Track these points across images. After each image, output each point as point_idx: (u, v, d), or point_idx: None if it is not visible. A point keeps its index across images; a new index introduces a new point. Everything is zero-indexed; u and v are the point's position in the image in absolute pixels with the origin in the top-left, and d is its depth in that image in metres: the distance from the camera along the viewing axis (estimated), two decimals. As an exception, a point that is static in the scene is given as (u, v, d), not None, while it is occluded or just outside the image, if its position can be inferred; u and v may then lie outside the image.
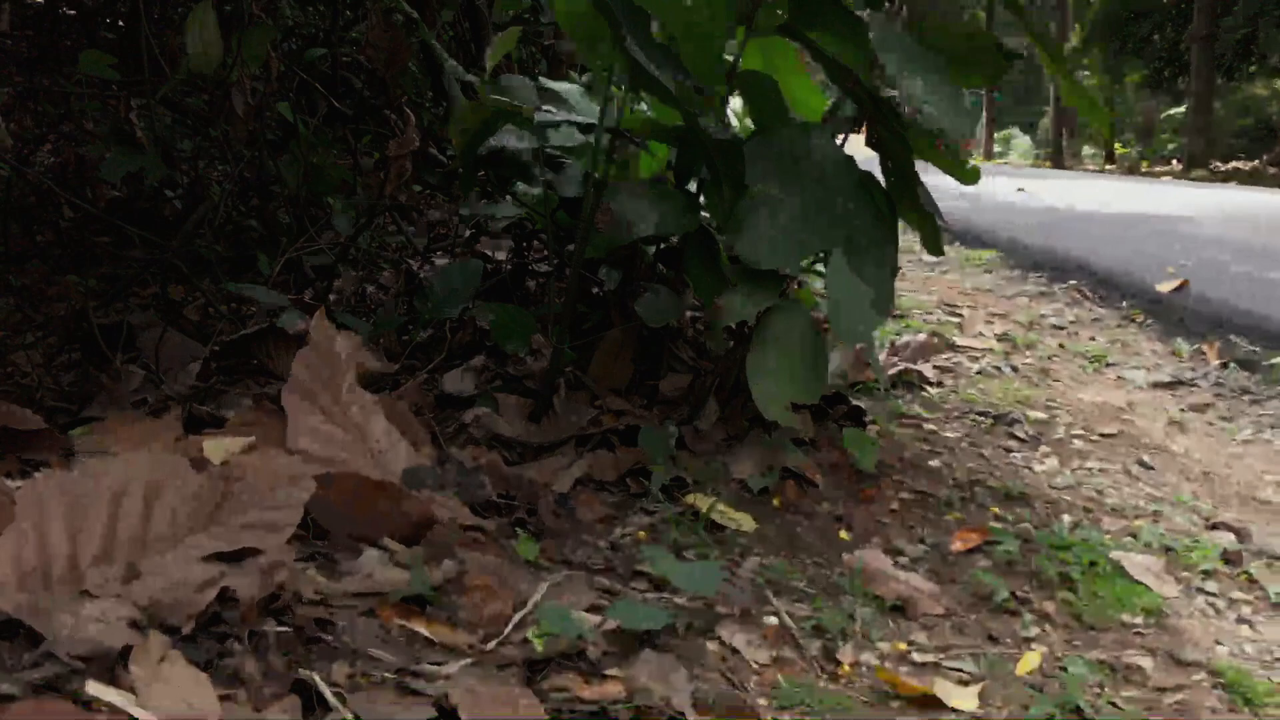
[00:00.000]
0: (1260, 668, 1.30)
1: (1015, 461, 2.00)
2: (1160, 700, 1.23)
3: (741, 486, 1.79)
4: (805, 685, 1.20)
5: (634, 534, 1.62)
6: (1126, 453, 2.07)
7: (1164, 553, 1.61)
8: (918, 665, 1.29)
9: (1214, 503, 1.84)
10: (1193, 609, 1.45)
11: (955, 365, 2.70)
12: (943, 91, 1.70)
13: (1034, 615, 1.41)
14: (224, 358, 1.86)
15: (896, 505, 1.78)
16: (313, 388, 1.57)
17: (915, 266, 4.42)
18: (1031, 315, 3.37)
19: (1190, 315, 3.17)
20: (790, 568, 1.52)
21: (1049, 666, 1.28)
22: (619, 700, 1.15)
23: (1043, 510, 1.77)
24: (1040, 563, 1.53)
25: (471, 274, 2.37)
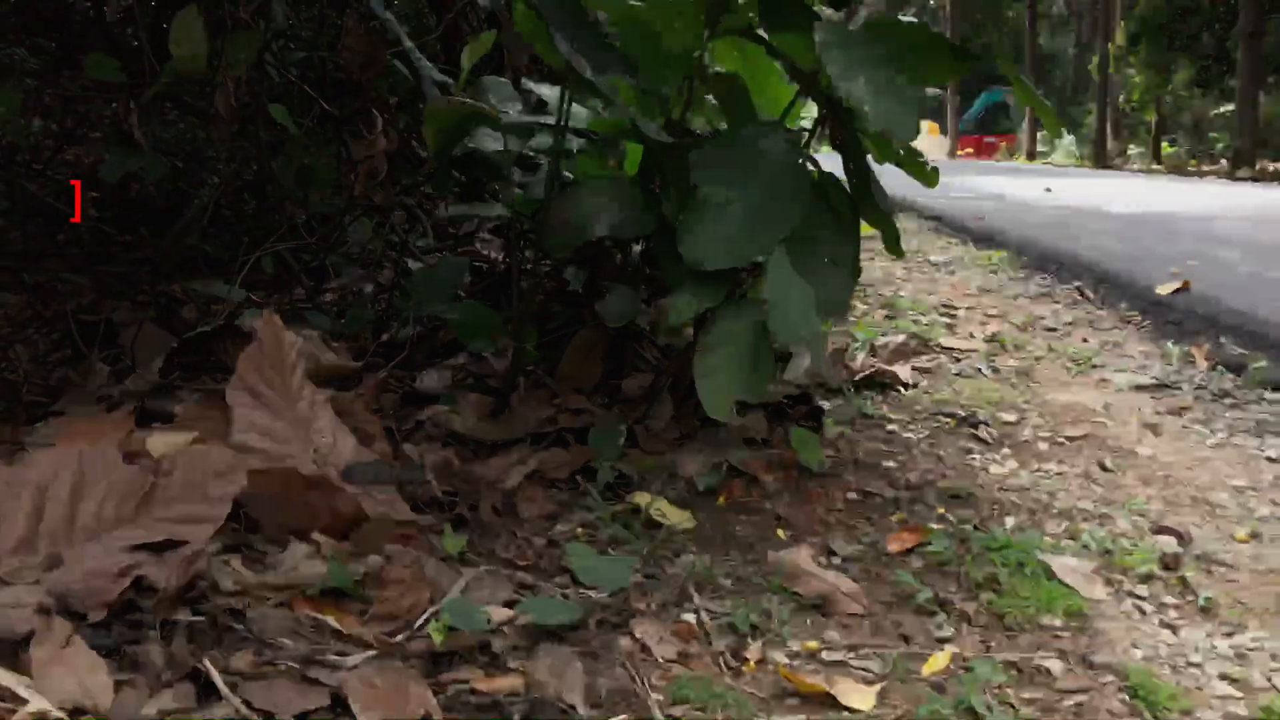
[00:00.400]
0: (1171, 671, 1.29)
1: (972, 463, 2.00)
2: (1061, 702, 1.23)
3: (688, 484, 1.80)
4: (703, 681, 1.22)
5: (572, 531, 1.65)
6: (1089, 455, 2.06)
7: (1102, 556, 1.60)
8: (826, 663, 1.30)
9: (1166, 507, 1.82)
10: (1118, 612, 1.45)
11: (936, 366, 2.69)
12: (887, 92, 1.70)
13: (953, 616, 1.41)
14: (185, 354, 1.91)
15: (841, 505, 1.79)
16: (257, 384, 1.61)
17: (923, 267, 4.40)
18: (1028, 316, 3.34)
19: (1187, 317, 3.13)
20: (719, 565, 1.53)
21: (956, 667, 1.28)
22: (516, 693, 1.17)
23: (988, 512, 1.77)
24: (968, 564, 1.53)
25: (454, 273, 2.41)
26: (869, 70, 1.71)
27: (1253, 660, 1.32)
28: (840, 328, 2.92)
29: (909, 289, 3.81)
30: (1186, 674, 1.29)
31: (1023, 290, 3.79)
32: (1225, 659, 1.32)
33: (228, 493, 1.38)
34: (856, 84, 1.68)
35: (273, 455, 1.54)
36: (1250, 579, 1.55)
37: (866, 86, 1.69)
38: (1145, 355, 2.84)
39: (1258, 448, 2.12)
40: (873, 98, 1.68)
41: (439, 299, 2.27)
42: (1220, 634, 1.39)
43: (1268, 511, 1.80)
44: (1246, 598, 1.49)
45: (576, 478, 1.83)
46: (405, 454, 1.80)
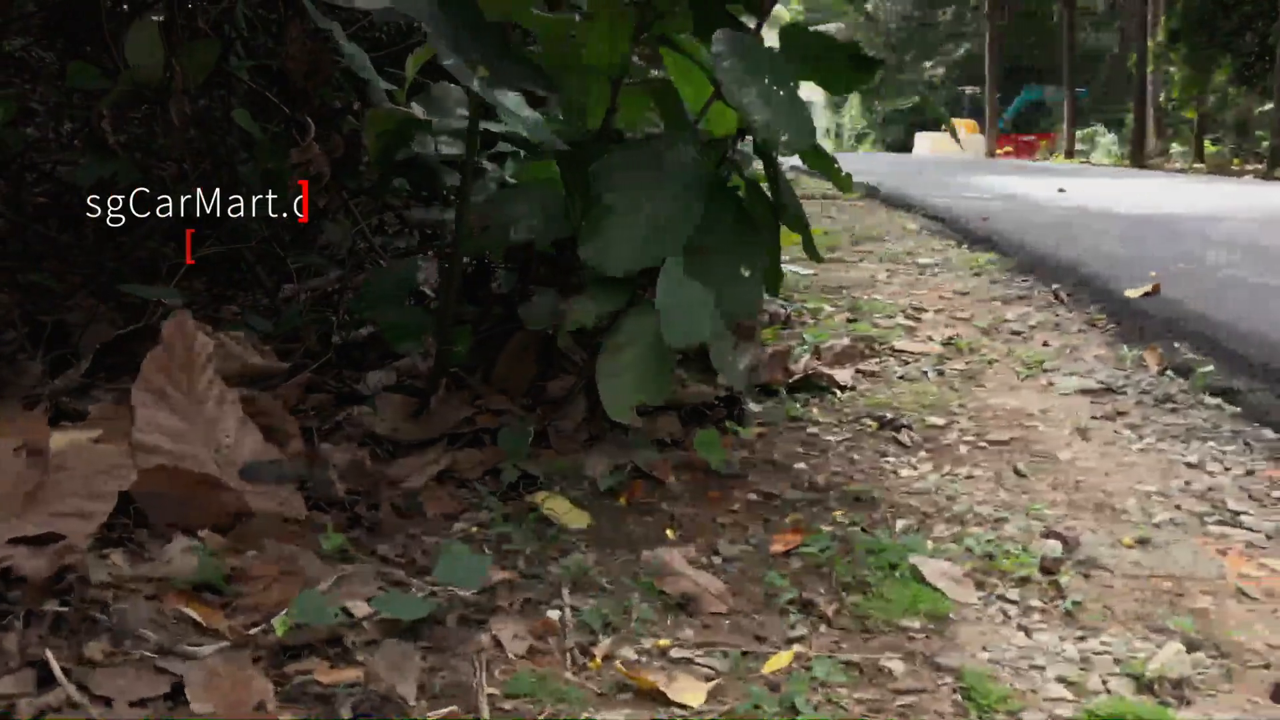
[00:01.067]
0: (1011, 673, 1.31)
1: (885, 466, 2.02)
2: (892, 702, 1.25)
3: (592, 485, 1.84)
4: (542, 676, 1.26)
5: (466, 530, 1.69)
6: (1007, 459, 2.07)
7: (984, 559, 1.62)
8: (673, 661, 1.33)
9: (1068, 511, 1.83)
10: (981, 615, 1.47)
11: (882, 369, 2.70)
12: (780, 100, 1.73)
13: (813, 617, 1.44)
14: (113, 355, 1.98)
15: (739, 506, 1.82)
16: (162, 384, 1.67)
17: (909, 269, 4.40)
18: (995, 319, 3.34)
19: (1150, 321, 3.11)
20: (602, 565, 1.57)
21: (798, 666, 1.31)
22: (355, 685, 1.22)
23: (882, 515, 1.79)
24: (839, 566, 1.55)
25: (405, 277, 2.46)
26: (764, 79, 1.74)
27: (1095, 664, 1.33)
28: (792, 330, 2.94)
29: (886, 292, 3.82)
30: (1026, 676, 1.31)
31: (1000, 293, 3.78)
32: (1070, 662, 1.34)
33: (113, 489, 1.44)
34: (748, 93, 1.71)
35: (172, 454, 1.60)
36: (1124, 584, 1.56)
37: (759, 96, 1.72)
38: (1100, 359, 2.83)
39: (1181, 453, 2.11)
40: (764, 106, 1.71)
41: (390, 302, 2.33)
42: (1074, 638, 1.41)
43: (1167, 517, 1.80)
44: (1114, 602, 1.50)
45: (487, 478, 1.88)
46: (319, 453, 1.85)
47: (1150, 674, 1.29)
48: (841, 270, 4.31)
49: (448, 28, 1.72)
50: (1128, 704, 1.22)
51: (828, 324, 3.14)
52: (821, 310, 3.39)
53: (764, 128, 1.68)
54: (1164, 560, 1.64)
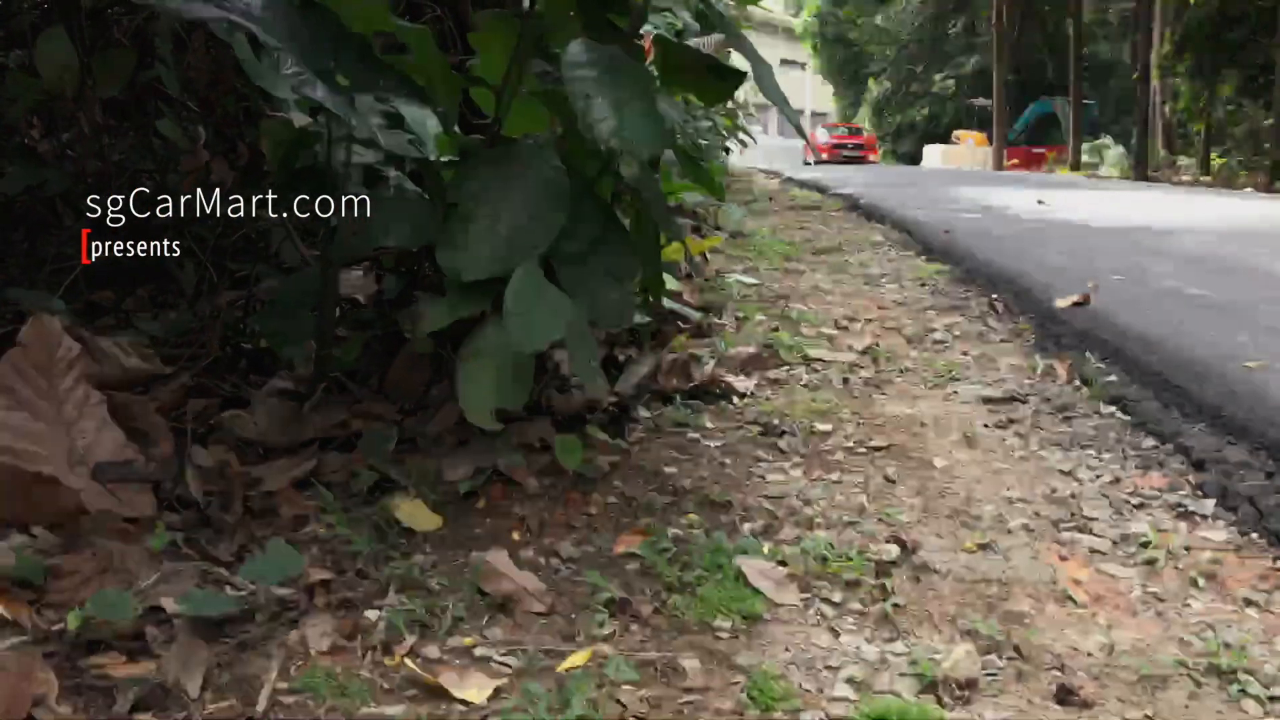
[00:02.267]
0: (804, 674, 1.33)
1: (755, 471, 2.03)
2: (676, 699, 1.27)
3: (453, 488, 1.86)
4: (332, 673, 1.28)
5: (315, 531, 1.71)
6: (880, 466, 2.08)
7: (818, 561, 1.63)
8: (474, 659, 1.35)
9: (921, 516, 1.84)
10: (796, 617, 1.48)
11: (789, 377, 2.72)
12: (632, 109, 1.75)
13: (627, 616, 1.46)
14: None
15: (596, 509, 1.83)
16: (17, 386, 1.70)
17: (857, 280, 4.41)
18: (923, 329, 3.34)
19: (1070, 331, 3.11)
20: (440, 566, 1.59)
21: (593, 664, 1.33)
22: (145, 678, 1.24)
23: (734, 518, 1.80)
24: (665, 567, 1.57)
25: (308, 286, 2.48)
26: (615, 89, 1.76)
27: (891, 665, 1.35)
28: (707, 339, 2.96)
29: (825, 301, 3.83)
30: (818, 676, 1.32)
31: (938, 303, 3.79)
32: (865, 663, 1.35)
33: (-57, 487, 1.47)
34: (596, 102, 1.73)
35: (16, 451, 1.62)
36: (950, 587, 1.58)
37: (610, 104, 1.74)
38: (1013, 368, 2.84)
39: (1058, 461, 2.12)
40: (614, 115, 1.73)
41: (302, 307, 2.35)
42: (880, 639, 1.42)
43: (1021, 523, 1.81)
44: (933, 605, 1.52)
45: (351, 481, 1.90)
46: (183, 455, 1.88)
47: (938, 675, 1.30)
48: (790, 280, 4.32)
49: (305, 37, 1.75)
50: (900, 704, 1.23)
51: (750, 332, 3.15)
52: (752, 319, 3.40)
53: (608, 135, 1.70)
54: (998, 565, 1.65)
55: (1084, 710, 1.26)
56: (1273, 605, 1.53)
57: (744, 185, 11.30)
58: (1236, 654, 1.36)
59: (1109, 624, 1.48)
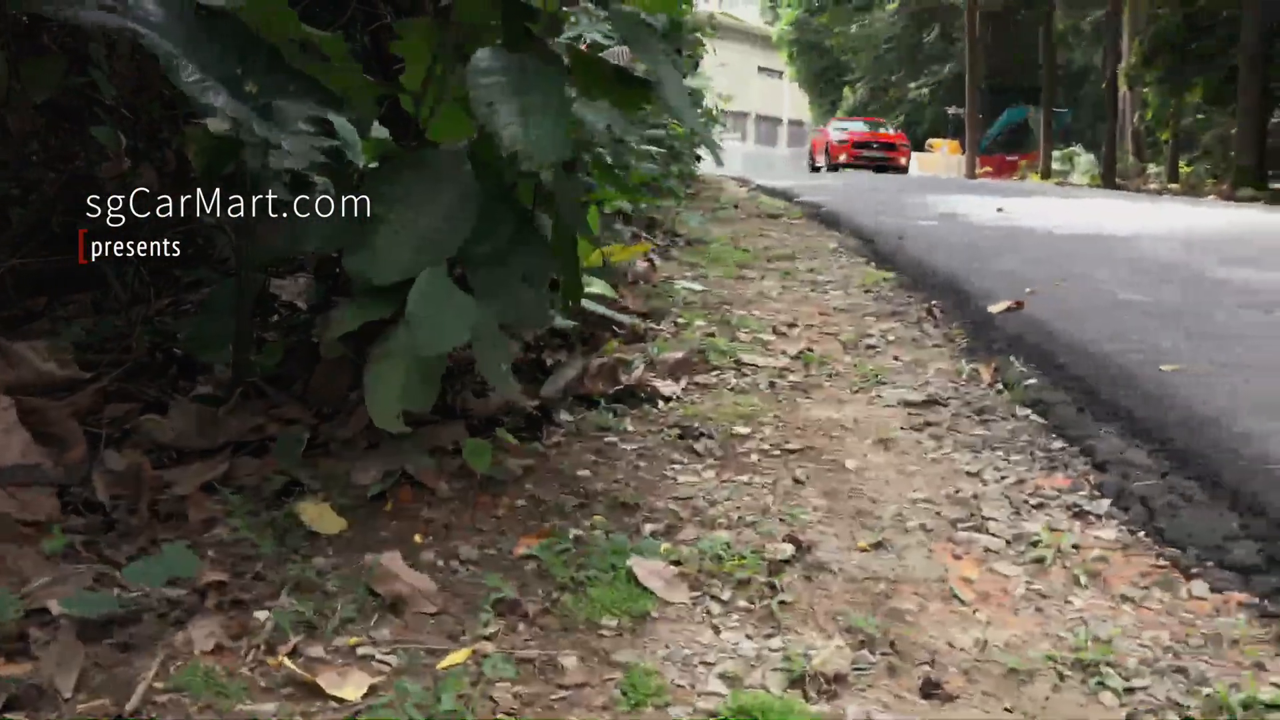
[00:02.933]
0: (680, 670, 1.35)
1: (668, 474, 2.06)
2: (550, 695, 1.29)
3: (362, 491, 1.88)
4: (211, 672, 1.29)
5: (221, 535, 1.73)
6: (792, 468, 2.11)
7: (713, 560, 1.65)
8: (358, 658, 1.37)
9: (825, 516, 1.87)
10: (683, 615, 1.51)
11: (718, 382, 2.75)
12: (535, 117, 1.78)
13: (516, 616, 1.48)
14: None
15: (503, 512, 1.85)
16: (-78, 391, 1.71)
17: (804, 286, 4.45)
18: (859, 334, 3.38)
19: (1001, 336, 3.16)
20: (335, 568, 1.61)
21: (473, 663, 1.35)
22: (21, 679, 1.25)
23: (639, 519, 1.83)
24: (559, 568, 1.59)
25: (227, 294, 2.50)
26: (520, 96, 1.79)
27: (765, 661, 1.37)
28: (641, 344, 2.98)
29: (768, 307, 3.87)
30: (693, 672, 1.35)
31: (878, 309, 3.83)
32: (742, 659, 1.38)
33: None
34: (499, 109, 1.76)
35: (-79, 457, 1.64)
36: (840, 585, 1.61)
37: (515, 112, 1.77)
38: (940, 372, 2.88)
39: (967, 463, 2.16)
40: (517, 122, 1.76)
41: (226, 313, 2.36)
42: (760, 636, 1.45)
43: (918, 523, 1.85)
44: (819, 603, 1.55)
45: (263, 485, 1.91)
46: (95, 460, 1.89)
47: (808, 670, 1.33)
48: (739, 286, 4.36)
49: (210, 44, 1.77)
50: (765, 698, 1.26)
51: (687, 337, 3.18)
52: (692, 324, 3.43)
53: (511, 142, 1.73)
54: (891, 564, 1.68)
55: (947, 703, 1.29)
56: (1148, 601, 1.57)
57: (713, 193, 11.33)
58: (1103, 648, 1.40)
59: (989, 621, 1.51)
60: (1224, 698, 1.26)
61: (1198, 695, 1.29)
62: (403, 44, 2.21)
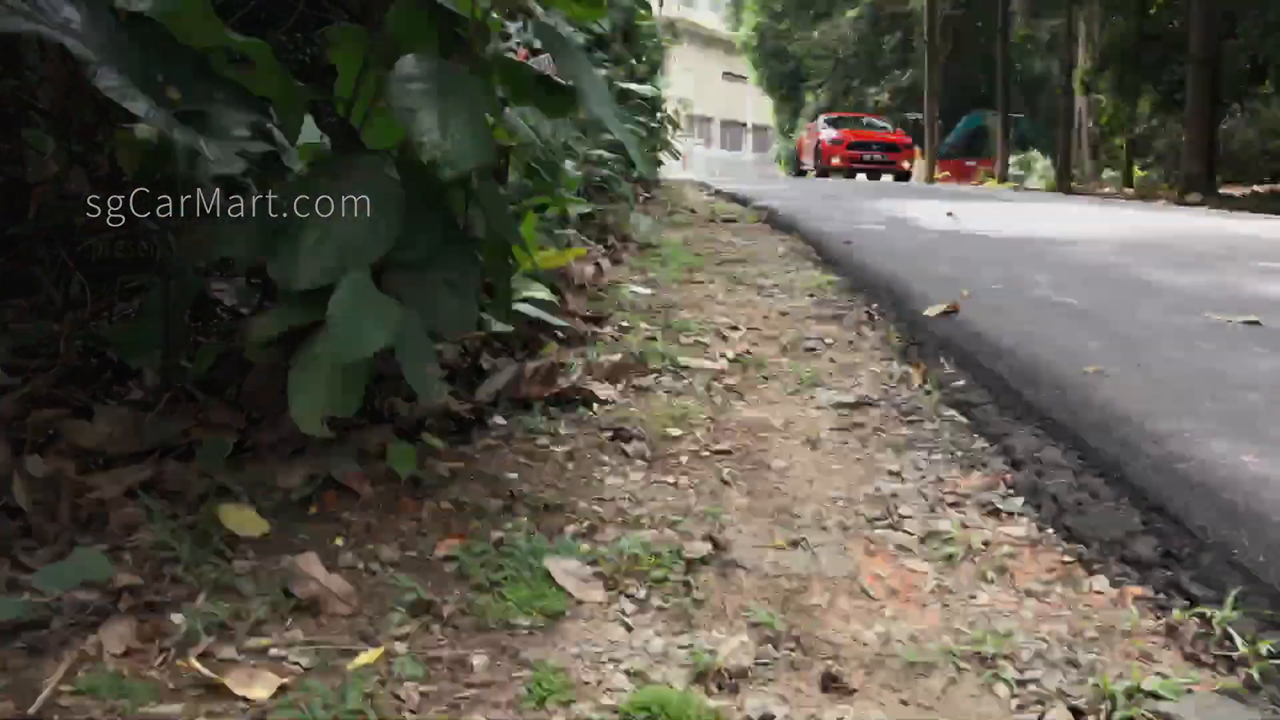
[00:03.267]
0: (587, 667, 1.38)
1: (596, 476, 2.08)
2: (456, 693, 1.31)
3: (286, 495, 1.89)
4: (118, 675, 1.30)
5: (139, 540, 1.73)
6: (719, 469, 2.14)
7: (631, 560, 1.68)
8: (269, 659, 1.38)
9: (745, 516, 1.90)
10: (596, 614, 1.53)
11: (656, 384, 2.78)
12: (456, 123, 1.80)
13: (430, 616, 1.50)
14: None
15: (428, 515, 1.87)
16: None
17: (750, 290, 4.49)
18: (798, 337, 3.43)
19: (934, 338, 3.21)
20: (253, 571, 1.62)
21: (383, 663, 1.37)
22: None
23: (562, 520, 1.85)
24: (475, 569, 1.61)
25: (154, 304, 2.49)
26: (441, 103, 1.81)
27: (672, 658, 1.40)
28: (581, 347, 3.01)
29: (713, 311, 3.91)
30: (600, 670, 1.37)
31: (820, 312, 3.89)
32: (649, 656, 1.41)
33: None
34: (420, 115, 1.78)
35: None
36: (753, 583, 1.64)
37: (436, 119, 1.79)
38: (873, 375, 2.93)
39: (890, 462, 2.20)
40: (438, 128, 1.78)
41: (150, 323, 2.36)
42: (670, 633, 1.48)
43: (838, 521, 1.89)
44: (731, 600, 1.58)
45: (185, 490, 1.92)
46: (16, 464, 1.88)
47: (711, 665, 1.36)
48: (686, 290, 4.39)
49: (132, 51, 1.78)
50: (666, 693, 1.29)
51: (629, 341, 3.21)
52: (636, 327, 3.46)
53: (431, 148, 1.75)
54: (805, 561, 1.72)
55: (844, 696, 1.33)
56: (1050, 595, 1.62)
57: (672, 197, 11.39)
58: (1000, 641, 1.44)
59: (895, 615, 1.55)
60: (1107, 687, 1.30)
61: (1085, 685, 1.34)
62: (334, 51, 2.22)
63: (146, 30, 1.83)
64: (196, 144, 1.78)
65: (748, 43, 40.01)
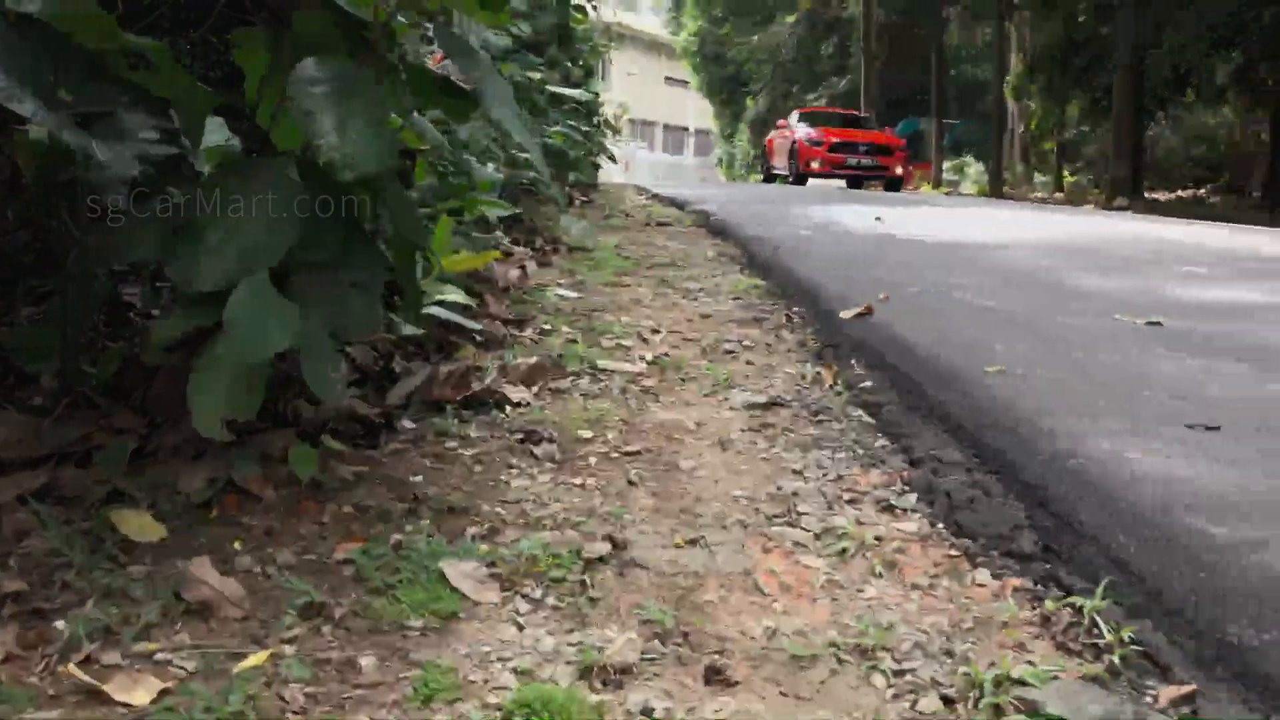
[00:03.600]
0: (475, 667, 1.39)
1: (503, 478, 2.09)
2: (343, 694, 1.32)
3: (187, 499, 1.87)
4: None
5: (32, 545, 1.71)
6: (627, 470, 2.17)
7: (530, 561, 1.69)
8: (155, 664, 1.38)
9: (650, 515, 1.93)
10: (491, 614, 1.54)
11: (572, 387, 2.79)
12: (355, 126, 1.80)
13: (322, 619, 1.50)
14: None
15: (330, 518, 1.87)
16: None
17: (677, 294, 4.53)
18: (718, 340, 3.47)
19: (848, 340, 3.27)
20: (148, 576, 1.61)
21: (268, 665, 1.37)
22: None
23: (465, 523, 1.86)
24: (371, 571, 1.62)
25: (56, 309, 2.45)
26: (340, 106, 1.82)
27: (561, 655, 1.42)
28: (497, 350, 3.02)
29: (637, 314, 3.93)
30: (488, 669, 1.39)
31: (742, 316, 3.93)
32: (539, 654, 1.42)
33: None
34: (318, 118, 1.78)
35: None
36: (650, 581, 1.66)
37: (334, 122, 1.79)
38: (787, 376, 2.98)
39: (795, 461, 2.25)
40: (336, 132, 1.78)
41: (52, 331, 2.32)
42: (562, 631, 1.50)
43: (738, 519, 1.92)
44: (627, 598, 1.60)
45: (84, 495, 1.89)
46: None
47: (598, 662, 1.38)
48: (613, 293, 4.42)
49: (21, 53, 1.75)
50: (550, 690, 1.31)
51: (549, 344, 3.23)
52: (558, 330, 3.48)
53: (328, 150, 1.75)
54: (702, 559, 1.75)
55: (726, 689, 1.36)
56: (936, 589, 1.66)
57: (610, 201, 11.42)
58: (883, 634, 1.48)
59: (785, 610, 1.59)
60: (978, 675, 1.35)
61: (958, 674, 1.38)
62: (240, 53, 2.21)
63: (38, 32, 1.80)
64: (88, 146, 1.76)
65: (688, 48, 40.21)
